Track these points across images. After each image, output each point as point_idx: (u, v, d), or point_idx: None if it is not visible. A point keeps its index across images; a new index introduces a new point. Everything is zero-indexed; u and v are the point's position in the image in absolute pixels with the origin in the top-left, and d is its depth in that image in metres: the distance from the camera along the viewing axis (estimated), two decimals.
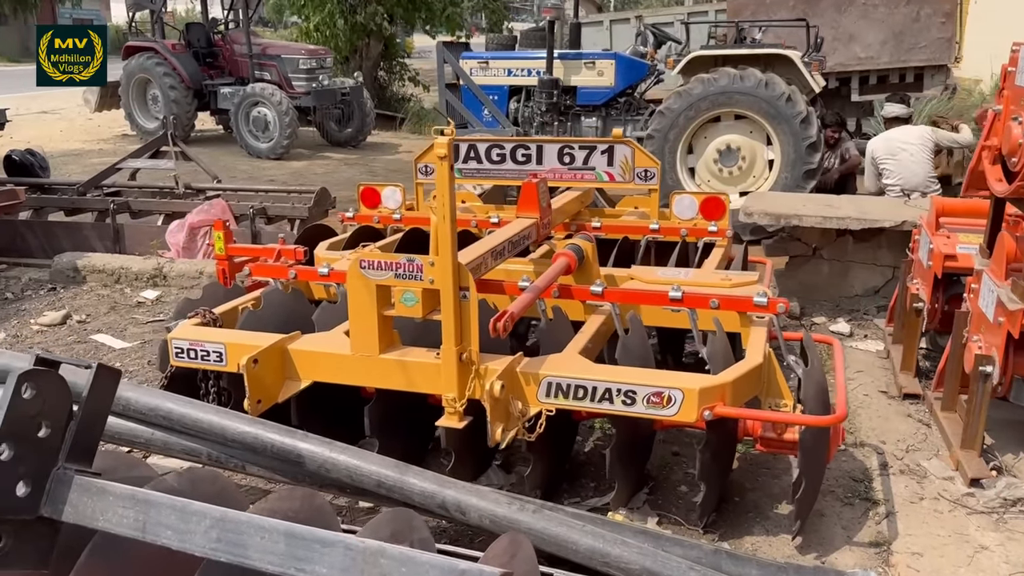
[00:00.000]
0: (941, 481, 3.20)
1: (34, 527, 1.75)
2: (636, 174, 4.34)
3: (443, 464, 3.39)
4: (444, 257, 2.59)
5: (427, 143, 4.81)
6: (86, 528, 1.73)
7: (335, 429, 3.33)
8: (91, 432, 1.86)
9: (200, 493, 1.89)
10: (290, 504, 1.90)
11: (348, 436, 3.45)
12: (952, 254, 3.70)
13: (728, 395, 2.58)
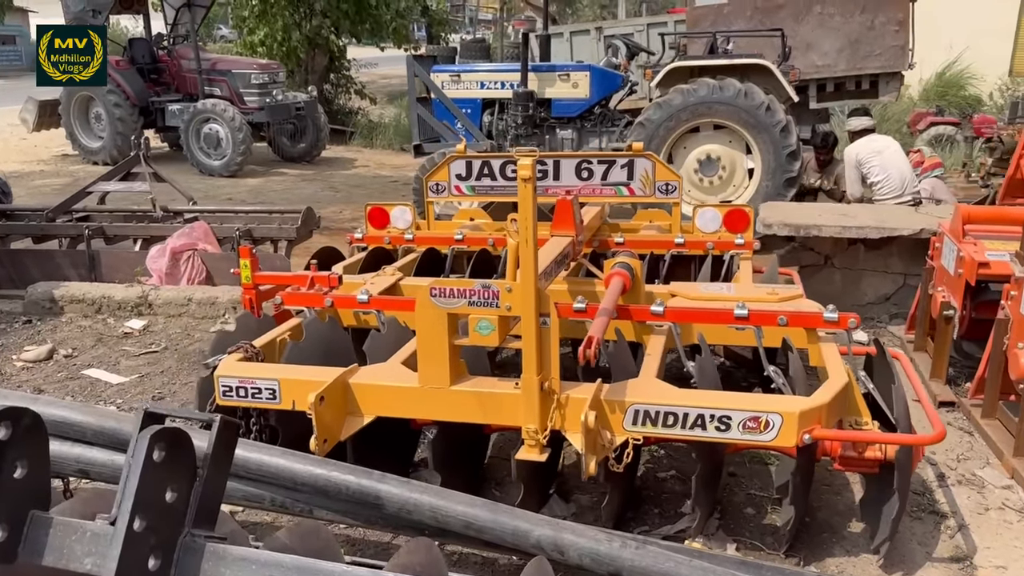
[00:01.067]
0: (1001, 490, 3.21)
1: None
2: (657, 187, 4.28)
3: (495, 495, 3.28)
4: (526, 282, 2.47)
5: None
6: None
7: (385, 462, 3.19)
8: (215, 493, 1.69)
9: (310, 549, 1.75)
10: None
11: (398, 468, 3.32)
12: (985, 261, 3.73)
13: (824, 417, 2.52)
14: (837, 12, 10.22)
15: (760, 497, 3.22)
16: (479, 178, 4.48)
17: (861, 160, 6.32)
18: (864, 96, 10.12)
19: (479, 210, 4.91)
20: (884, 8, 9.96)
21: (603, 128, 8.39)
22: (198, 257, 5.89)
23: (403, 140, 17.62)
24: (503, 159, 4.44)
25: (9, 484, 1.57)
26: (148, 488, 1.54)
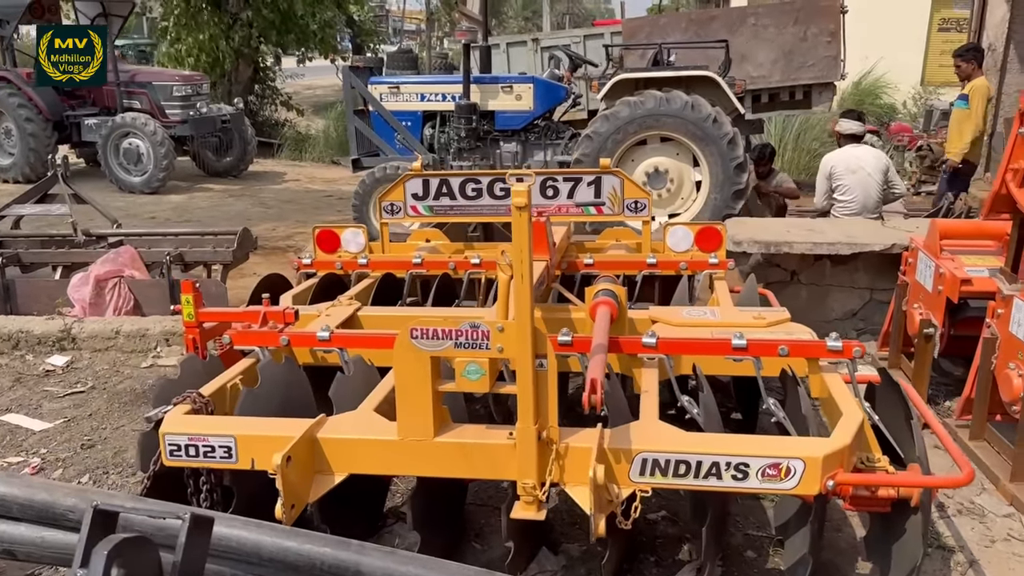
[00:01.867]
0: (1003, 519, 3.09)
1: None
2: (626, 206, 4.08)
3: (476, 548, 3.00)
4: (522, 322, 2.20)
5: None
6: None
7: (353, 518, 2.88)
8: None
9: None
10: None
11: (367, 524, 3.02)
12: (968, 279, 3.63)
13: (846, 460, 2.33)
14: (771, 24, 10.25)
15: (759, 538, 3.02)
16: (437, 197, 4.21)
17: (834, 174, 6.26)
18: (798, 106, 10.20)
19: (435, 231, 4.62)
20: (816, 20, 10.02)
21: (547, 141, 8.20)
22: (125, 285, 5.44)
23: (334, 153, 17.17)
24: (463, 177, 4.18)
25: None
26: None
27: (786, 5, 10.47)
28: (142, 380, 4.62)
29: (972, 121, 7.57)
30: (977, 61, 7.82)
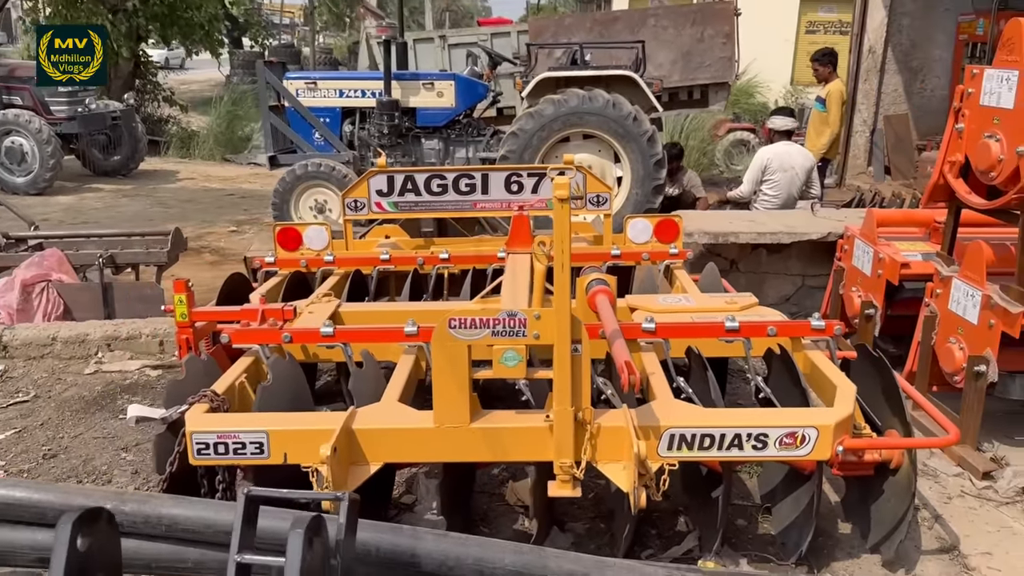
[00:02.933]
0: (954, 479, 3.41)
1: None
2: (589, 200, 4.23)
3: (484, 532, 3.09)
4: (561, 308, 2.31)
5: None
6: None
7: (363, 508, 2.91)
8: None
9: None
10: None
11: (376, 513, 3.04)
12: (907, 262, 3.99)
13: (850, 428, 2.56)
14: (670, 25, 10.67)
15: (745, 507, 3.24)
16: (402, 193, 4.24)
17: (768, 168, 6.62)
18: (696, 105, 10.65)
19: (394, 227, 4.64)
20: (712, 22, 10.49)
21: (469, 138, 8.27)
22: (52, 289, 5.19)
23: (225, 150, 16.63)
24: (428, 173, 4.23)
25: None
26: None
27: (684, 7, 10.89)
28: (89, 387, 4.43)
29: (831, 122, 8.29)
30: (832, 64, 8.56)
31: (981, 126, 3.41)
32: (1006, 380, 3.49)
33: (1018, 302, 3.27)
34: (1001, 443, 3.64)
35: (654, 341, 3.05)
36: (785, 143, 6.81)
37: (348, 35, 35.70)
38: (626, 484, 2.38)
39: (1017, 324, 3.26)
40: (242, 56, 25.69)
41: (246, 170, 14.86)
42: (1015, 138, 3.22)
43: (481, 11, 54.34)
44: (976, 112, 3.46)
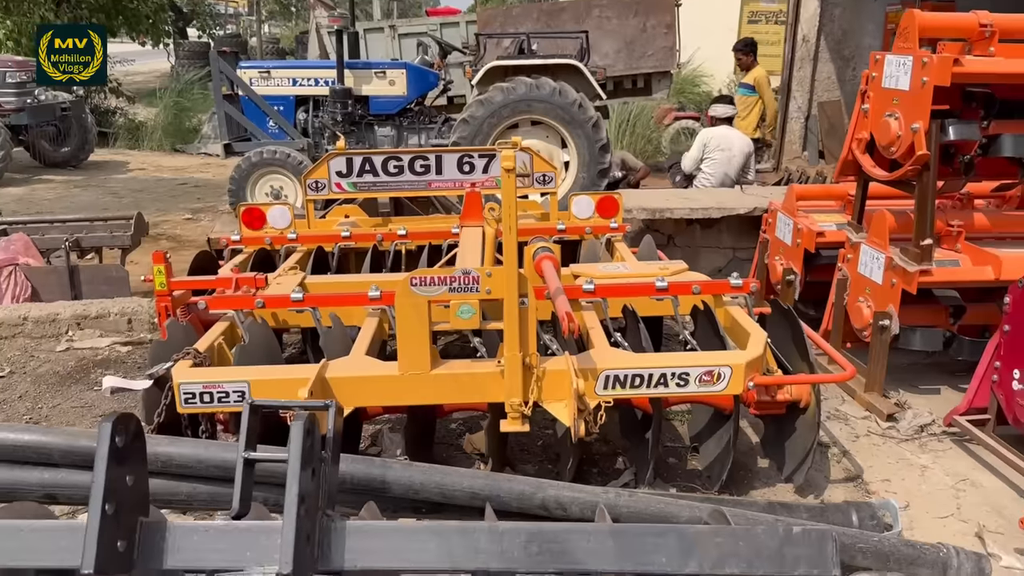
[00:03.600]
0: (863, 421, 3.85)
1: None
2: (535, 179, 4.57)
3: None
4: (509, 266, 2.64)
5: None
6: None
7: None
8: (335, 475, 1.76)
9: None
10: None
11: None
12: (822, 231, 4.40)
13: (759, 367, 2.94)
14: (613, 15, 11.02)
15: (676, 448, 3.62)
16: (360, 174, 4.52)
17: (708, 148, 7.06)
18: (639, 94, 11.02)
19: (354, 206, 4.92)
20: (654, 12, 10.87)
21: (421, 125, 8.54)
22: (20, 272, 5.35)
23: (175, 140, 16.59)
24: (385, 155, 4.52)
25: (123, 493, 1.56)
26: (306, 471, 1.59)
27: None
28: (63, 363, 4.64)
29: (765, 105, 9.16)
30: (753, 53, 9.20)
31: (883, 106, 3.83)
32: (907, 333, 3.92)
33: (915, 262, 3.70)
34: (905, 390, 4.08)
35: (594, 301, 3.40)
36: (726, 127, 7.25)
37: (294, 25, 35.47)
38: (567, 419, 2.72)
39: (914, 281, 3.69)
40: (188, 47, 25.48)
41: (197, 160, 14.90)
42: (911, 116, 3.64)
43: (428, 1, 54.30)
44: (879, 94, 3.88)
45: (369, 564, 1.63)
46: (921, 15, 3.68)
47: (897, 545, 2.66)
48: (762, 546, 1.64)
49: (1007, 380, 3.29)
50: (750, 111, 9.19)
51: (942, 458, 3.50)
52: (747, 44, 9.27)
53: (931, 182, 3.65)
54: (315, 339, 3.68)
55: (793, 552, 1.63)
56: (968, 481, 3.33)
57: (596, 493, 2.63)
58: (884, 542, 2.65)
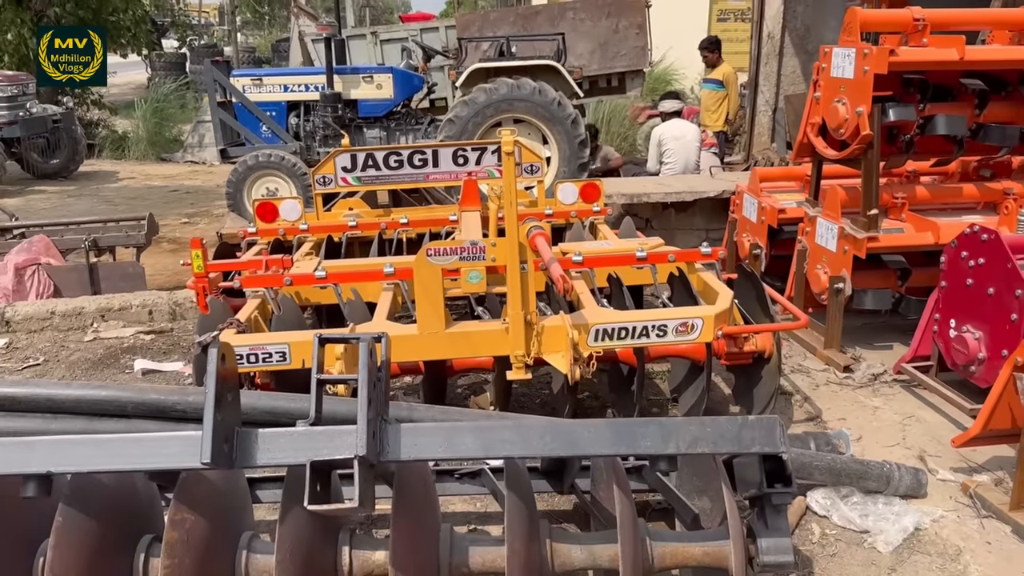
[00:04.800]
0: (823, 373, 4.33)
1: (373, 471, 2.06)
2: (524, 169, 5.01)
3: None
4: (511, 237, 3.09)
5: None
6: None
7: None
8: (388, 389, 2.19)
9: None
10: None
11: None
12: (783, 208, 4.89)
13: (726, 320, 3.40)
14: (587, 17, 11.47)
15: (658, 400, 4.09)
16: (364, 169, 4.94)
17: (663, 141, 7.54)
18: (613, 92, 11.47)
19: (357, 199, 5.34)
20: (625, 13, 11.31)
21: (408, 126, 8.97)
22: (43, 271, 5.73)
23: (160, 150, 16.90)
24: (386, 151, 4.95)
25: (226, 406, 2.00)
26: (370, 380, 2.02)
27: (599, 0, 11.74)
28: (92, 351, 5.03)
29: (730, 101, 9.71)
30: (718, 51, 9.82)
31: (832, 93, 4.32)
32: (860, 294, 4.41)
33: (863, 230, 4.18)
34: (862, 347, 4.58)
35: (582, 271, 3.85)
36: (675, 120, 7.77)
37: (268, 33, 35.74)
38: (564, 367, 3.17)
39: (863, 247, 4.18)
40: (165, 58, 25.74)
41: (185, 168, 15.22)
42: (856, 101, 4.13)
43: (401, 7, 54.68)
44: (828, 82, 4.36)
45: (419, 455, 2.07)
46: (862, 12, 4.17)
47: (847, 463, 3.13)
48: (725, 431, 2.10)
49: (945, 329, 3.77)
50: (719, 105, 9.76)
51: (892, 400, 3.98)
52: (712, 42, 9.85)
53: (875, 159, 4.14)
54: (330, 318, 4.12)
55: (749, 434, 2.10)
56: (913, 418, 3.81)
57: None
58: (836, 460, 3.12)
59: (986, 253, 3.50)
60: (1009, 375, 2.98)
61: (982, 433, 3.12)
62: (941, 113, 4.22)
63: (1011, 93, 4.33)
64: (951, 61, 4.02)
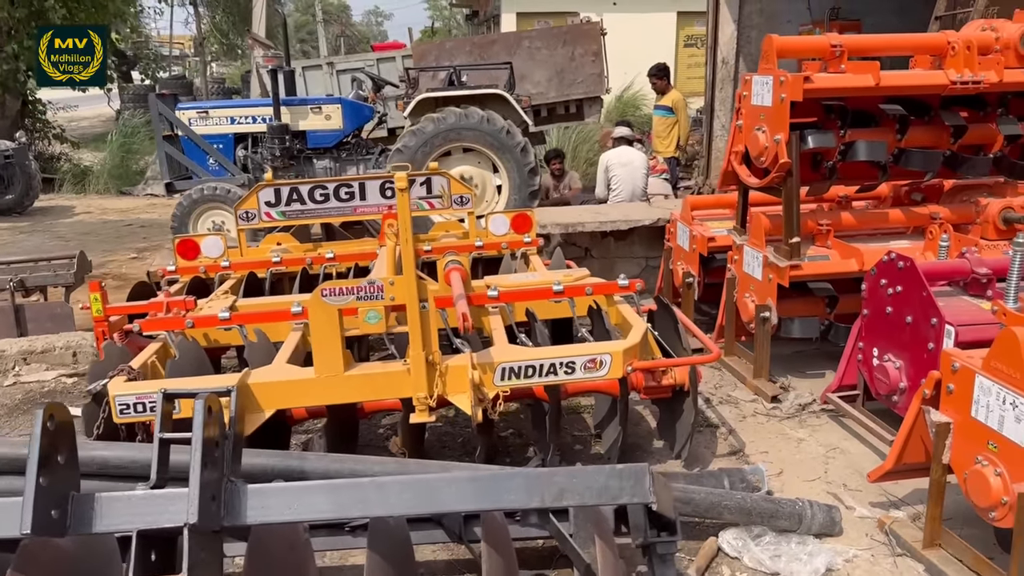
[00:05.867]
0: (751, 403, 4.25)
1: (217, 537, 1.95)
2: (454, 200, 4.93)
3: None
4: (408, 275, 2.99)
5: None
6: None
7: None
8: (240, 445, 2.08)
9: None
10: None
11: None
12: (713, 237, 4.84)
13: (638, 354, 3.32)
14: (543, 46, 11.53)
15: (582, 436, 3.99)
16: (288, 203, 4.85)
17: (609, 167, 7.54)
18: (572, 119, 11.53)
19: (285, 234, 5.24)
20: (581, 41, 11.38)
21: (359, 157, 8.91)
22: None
23: (121, 184, 16.71)
24: (311, 184, 4.85)
25: (55, 469, 1.87)
26: (209, 443, 1.92)
27: (555, 29, 11.78)
28: (10, 396, 4.87)
29: (681, 126, 9.81)
30: (668, 77, 9.93)
31: (753, 121, 4.28)
32: (787, 323, 4.35)
33: (785, 258, 4.13)
34: (792, 375, 4.51)
35: (499, 306, 3.76)
36: (623, 147, 7.78)
37: (240, 64, 35.74)
38: (468, 408, 3.07)
39: (786, 276, 4.13)
40: (132, 90, 25.62)
41: (143, 201, 15.05)
42: (774, 129, 4.09)
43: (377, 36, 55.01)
44: (749, 110, 4.33)
45: (267, 518, 1.96)
46: (779, 39, 4.15)
47: (758, 501, 3.05)
48: (592, 481, 2.00)
49: (869, 357, 3.71)
50: (669, 131, 9.81)
51: (817, 432, 3.91)
52: (660, 69, 9.93)
53: (795, 186, 4.10)
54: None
55: (618, 484, 2.00)
56: (838, 450, 3.74)
57: (489, 468, 2.96)
58: (747, 499, 3.03)
59: (903, 281, 3.45)
60: (918, 408, 2.92)
61: (896, 467, 3.05)
62: (862, 139, 4.19)
63: (932, 118, 4.31)
64: (867, 87, 4.00)
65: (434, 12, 43.48)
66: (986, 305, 3.51)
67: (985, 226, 4.37)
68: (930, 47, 4.26)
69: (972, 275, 3.59)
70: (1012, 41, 4.14)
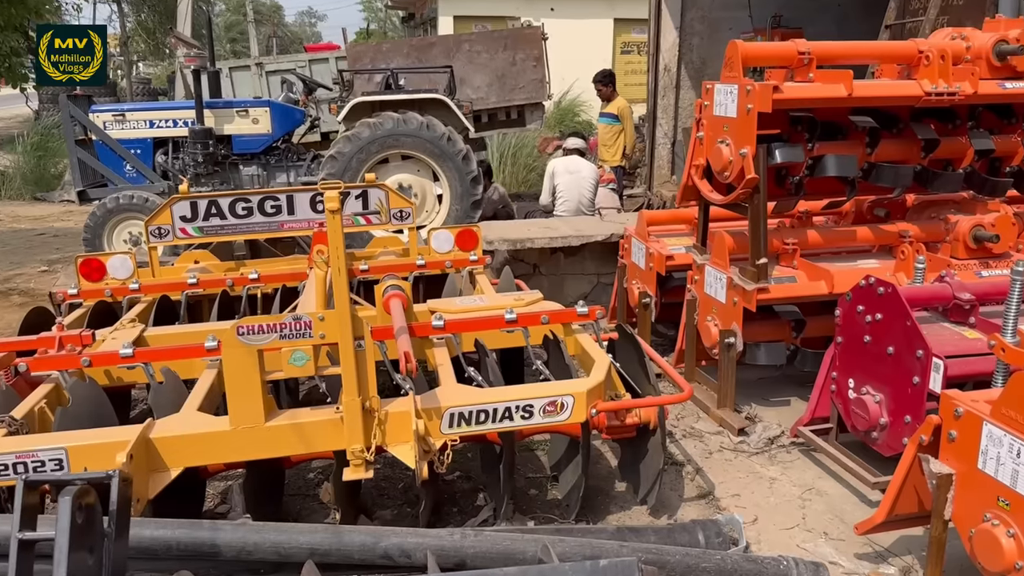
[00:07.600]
0: (716, 436, 3.94)
1: None
2: (392, 215, 4.53)
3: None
4: (341, 309, 2.58)
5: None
6: None
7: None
8: (124, 548, 1.66)
9: None
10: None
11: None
12: (671, 255, 4.53)
13: (602, 394, 2.97)
14: (483, 50, 11.16)
15: (538, 479, 3.62)
16: (207, 218, 4.38)
17: (555, 174, 7.24)
18: (514, 125, 11.18)
19: (204, 251, 4.75)
20: (522, 46, 11.05)
21: (289, 163, 8.39)
22: None
23: (36, 189, 15.75)
24: (232, 197, 4.39)
25: None
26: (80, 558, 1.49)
27: (496, 32, 11.42)
28: None
29: (627, 134, 9.67)
30: (612, 84, 9.70)
31: (716, 133, 3.98)
32: (752, 349, 4.06)
33: (752, 280, 3.84)
34: (757, 403, 4.22)
35: (444, 337, 3.37)
36: (574, 157, 7.49)
37: (167, 64, 34.50)
38: (411, 461, 2.67)
39: (753, 300, 3.83)
40: (52, 90, 24.38)
41: (58, 208, 14.16)
42: (740, 142, 3.79)
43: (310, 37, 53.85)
44: (711, 121, 4.03)
45: None
46: (744, 45, 3.86)
47: (739, 562, 2.71)
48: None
49: (844, 389, 3.44)
50: (615, 139, 9.57)
51: (790, 469, 3.62)
52: (606, 75, 9.69)
53: (762, 204, 3.81)
54: None
55: None
56: (814, 490, 3.45)
57: (441, 536, 2.57)
58: (727, 560, 2.70)
59: (883, 308, 3.18)
60: (914, 456, 2.63)
61: (888, 519, 2.76)
62: (831, 153, 3.92)
63: (903, 130, 4.08)
64: (839, 97, 3.74)
65: (369, 14, 42.77)
66: (970, 334, 3.28)
67: (955, 244, 4.16)
68: (901, 56, 4.02)
69: (954, 301, 3.36)
70: (984, 51, 3.93)
